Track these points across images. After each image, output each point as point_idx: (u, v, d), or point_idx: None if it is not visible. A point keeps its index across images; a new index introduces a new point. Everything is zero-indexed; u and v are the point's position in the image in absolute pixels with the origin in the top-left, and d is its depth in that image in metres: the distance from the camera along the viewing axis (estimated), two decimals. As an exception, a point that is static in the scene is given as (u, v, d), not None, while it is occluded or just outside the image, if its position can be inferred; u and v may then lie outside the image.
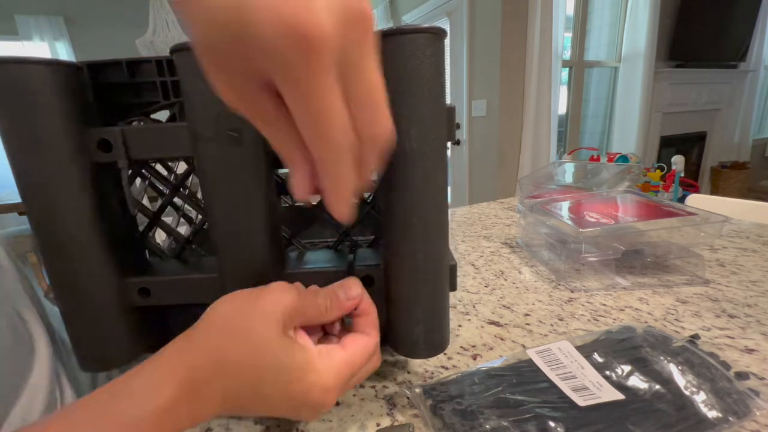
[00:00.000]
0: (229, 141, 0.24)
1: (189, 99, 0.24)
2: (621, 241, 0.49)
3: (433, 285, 0.28)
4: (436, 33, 0.23)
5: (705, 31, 2.86)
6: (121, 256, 0.29)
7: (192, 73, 0.23)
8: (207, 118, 0.24)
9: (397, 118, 0.22)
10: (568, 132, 2.87)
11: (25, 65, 0.23)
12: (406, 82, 0.23)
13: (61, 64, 0.25)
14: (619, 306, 0.44)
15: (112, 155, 0.26)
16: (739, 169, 3.35)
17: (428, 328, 0.29)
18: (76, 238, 0.26)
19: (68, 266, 0.27)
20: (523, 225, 0.67)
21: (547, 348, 0.33)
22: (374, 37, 0.16)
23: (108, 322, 0.29)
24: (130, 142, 0.26)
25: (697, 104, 3.17)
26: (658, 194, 2.49)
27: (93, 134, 0.26)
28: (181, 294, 0.30)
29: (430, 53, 0.23)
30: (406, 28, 0.22)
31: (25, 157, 0.25)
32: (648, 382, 0.28)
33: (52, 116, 0.24)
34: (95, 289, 0.28)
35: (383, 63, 0.20)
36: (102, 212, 0.27)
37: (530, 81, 2.34)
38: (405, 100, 0.23)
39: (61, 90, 0.25)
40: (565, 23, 2.39)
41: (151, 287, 0.30)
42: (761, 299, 0.44)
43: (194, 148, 0.26)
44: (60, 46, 3.19)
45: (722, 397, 0.26)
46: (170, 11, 2.32)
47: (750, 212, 0.84)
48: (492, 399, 0.27)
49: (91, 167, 0.26)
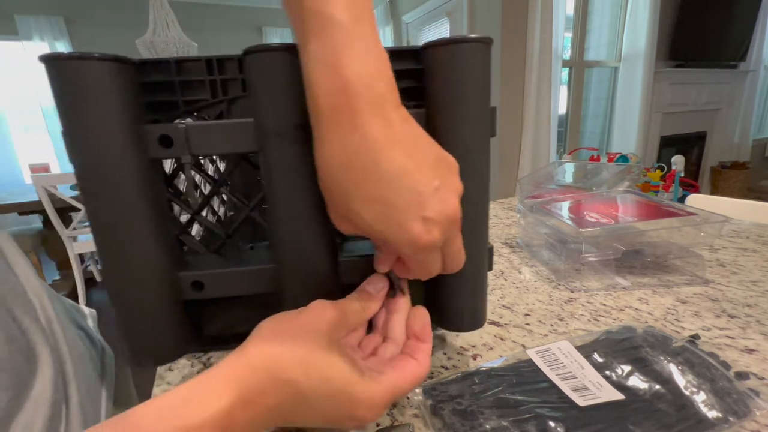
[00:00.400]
0: (298, 137, 0.26)
1: (261, 97, 0.25)
2: (621, 241, 0.49)
3: (477, 265, 0.31)
4: (487, 42, 0.26)
5: (705, 31, 2.86)
6: (172, 251, 0.30)
7: (265, 74, 0.25)
8: (279, 115, 0.25)
9: (454, 117, 0.27)
10: (568, 132, 2.87)
11: (88, 61, 0.23)
12: (462, 86, 0.26)
13: (122, 60, 0.25)
14: (619, 306, 0.44)
15: (172, 151, 0.27)
16: (739, 169, 3.35)
17: (473, 304, 0.32)
18: (134, 232, 0.27)
19: (125, 261, 0.27)
20: (523, 225, 0.67)
21: (547, 348, 0.33)
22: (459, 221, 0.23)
23: (162, 316, 0.29)
24: (192, 138, 0.27)
25: (697, 104, 3.17)
26: (658, 194, 2.49)
27: (153, 130, 0.27)
28: (236, 286, 0.31)
29: (482, 60, 0.26)
30: (462, 38, 0.25)
31: (86, 153, 0.25)
32: (648, 382, 0.28)
33: (114, 112, 0.25)
34: (150, 284, 0.28)
35: (442, 69, 0.26)
36: (157, 207, 0.28)
37: (530, 81, 2.34)
38: (460, 102, 0.26)
39: (122, 86, 0.25)
40: (565, 23, 2.39)
41: (205, 280, 0.30)
42: (761, 299, 0.44)
43: (262, 143, 0.27)
44: (60, 46, 3.19)
45: (722, 397, 0.26)
46: (170, 11, 2.32)
47: (750, 212, 0.84)
48: (492, 399, 0.27)
49: (147, 163, 0.27)
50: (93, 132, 0.24)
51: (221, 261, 0.32)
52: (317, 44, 0.20)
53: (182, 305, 0.31)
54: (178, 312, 0.30)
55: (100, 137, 0.25)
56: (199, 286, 0.30)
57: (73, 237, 2.03)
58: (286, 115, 0.25)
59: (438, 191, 0.21)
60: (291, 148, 0.26)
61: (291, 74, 0.24)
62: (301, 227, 0.28)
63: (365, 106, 0.20)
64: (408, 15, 3.22)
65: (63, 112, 0.24)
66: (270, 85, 0.25)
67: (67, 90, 0.24)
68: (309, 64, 0.20)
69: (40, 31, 3.12)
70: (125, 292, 0.28)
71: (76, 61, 0.23)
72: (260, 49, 0.24)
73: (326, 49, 0.20)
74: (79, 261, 2.12)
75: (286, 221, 0.28)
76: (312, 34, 0.20)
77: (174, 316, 0.30)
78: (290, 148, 0.26)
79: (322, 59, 0.20)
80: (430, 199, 0.20)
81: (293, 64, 0.24)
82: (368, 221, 0.21)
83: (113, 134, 0.25)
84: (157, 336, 0.30)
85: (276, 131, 0.26)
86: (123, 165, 0.25)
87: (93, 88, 0.24)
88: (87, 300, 2.18)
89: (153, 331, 0.29)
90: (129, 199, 0.26)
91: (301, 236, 0.28)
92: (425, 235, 0.20)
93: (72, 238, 2.03)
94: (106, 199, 0.26)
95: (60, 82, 0.24)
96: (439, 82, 0.26)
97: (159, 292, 0.29)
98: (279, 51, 0.24)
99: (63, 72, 0.23)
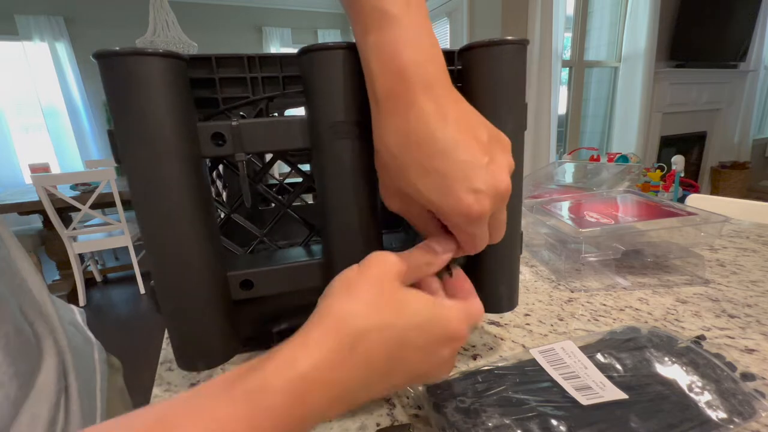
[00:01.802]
0: (353, 133, 0.27)
1: (317, 96, 0.26)
2: (621, 241, 0.49)
3: (512, 250, 0.33)
4: (523, 44, 0.28)
5: (705, 31, 2.86)
6: (220, 251, 0.30)
7: (321, 73, 0.26)
8: (335, 112, 0.26)
9: (495, 112, 0.28)
10: (568, 132, 2.87)
11: (145, 57, 0.23)
12: (502, 83, 0.28)
13: (176, 57, 0.24)
14: (619, 306, 0.44)
15: (225, 148, 0.27)
16: (739, 169, 3.35)
17: (509, 287, 0.34)
18: (187, 231, 0.26)
19: (176, 261, 0.27)
20: (523, 225, 0.67)
21: (550, 348, 0.33)
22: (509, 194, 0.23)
23: (212, 317, 0.29)
24: (245, 135, 0.27)
25: (697, 104, 3.17)
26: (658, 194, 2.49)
27: (206, 128, 0.27)
28: (286, 282, 0.31)
29: (520, 60, 0.28)
30: (502, 40, 0.27)
31: (141, 150, 0.24)
32: (652, 383, 0.28)
33: (171, 109, 0.24)
34: (201, 284, 0.28)
35: (484, 68, 0.28)
36: (207, 206, 0.28)
37: (530, 81, 2.34)
38: (501, 98, 0.28)
39: (174, 83, 0.24)
40: (565, 23, 2.39)
41: (255, 278, 0.30)
42: (761, 299, 0.44)
43: (315, 140, 0.27)
44: (60, 46, 3.19)
45: (727, 398, 0.26)
46: (170, 11, 2.32)
47: (750, 212, 0.84)
48: (495, 398, 0.27)
49: (197, 160, 0.27)
50: (150, 129, 0.24)
51: (265, 259, 0.33)
52: (376, 36, 0.22)
53: (232, 305, 0.30)
54: (228, 312, 0.30)
55: (156, 134, 0.24)
56: (249, 285, 0.30)
57: (73, 237, 2.03)
58: (343, 112, 0.26)
59: (489, 165, 0.22)
60: (347, 143, 0.27)
61: (348, 72, 0.25)
62: (353, 220, 0.29)
63: (419, 87, 0.22)
64: (408, 15, 3.22)
65: (117, 109, 0.24)
66: (328, 83, 0.26)
67: (124, 87, 0.23)
68: (369, 54, 0.23)
69: (40, 31, 3.12)
70: (176, 293, 0.28)
71: (133, 57, 0.23)
72: (318, 48, 0.25)
73: (384, 39, 0.22)
74: (79, 261, 2.12)
75: (339, 214, 0.28)
76: (372, 28, 0.22)
77: (225, 317, 0.30)
78: (346, 144, 0.27)
79: (380, 49, 0.22)
80: (481, 171, 0.22)
81: (350, 62, 0.25)
82: (424, 192, 0.23)
83: (170, 131, 0.24)
84: (209, 338, 0.29)
85: (332, 127, 0.26)
86: (179, 162, 0.25)
87: (152, 85, 0.23)
88: (87, 300, 2.18)
89: (205, 334, 0.29)
90: (183, 198, 0.26)
91: (351, 229, 0.29)
92: (475, 204, 0.22)
93: (72, 238, 2.03)
94: (159, 198, 0.25)
95: (116, 78, 0.23)
96: (480, 80, 0.28)
97: (211, 293, 0.28)
98: (337, 50, 0.25)
99: (120, 68, 0.23)
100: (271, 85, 0.31)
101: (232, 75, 0.30)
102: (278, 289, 0.31)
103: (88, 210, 1.93)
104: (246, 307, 0.32)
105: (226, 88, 0.30)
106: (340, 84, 0.25)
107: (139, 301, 2.19)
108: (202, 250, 0.27)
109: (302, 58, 0.26)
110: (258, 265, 0.31)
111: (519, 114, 0.29)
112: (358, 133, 0.26)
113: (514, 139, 0.29)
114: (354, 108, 0.26)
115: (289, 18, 3.96)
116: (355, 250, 0.29)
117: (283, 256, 0.33)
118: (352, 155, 0.27)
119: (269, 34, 3.86)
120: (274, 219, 0.36)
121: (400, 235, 0.38)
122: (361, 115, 0.26)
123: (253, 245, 0.36)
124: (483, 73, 0.28)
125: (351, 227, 0.29)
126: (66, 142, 3.34)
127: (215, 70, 0.29)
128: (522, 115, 0.30)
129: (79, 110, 3.33)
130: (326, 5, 4.03)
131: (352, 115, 0.26)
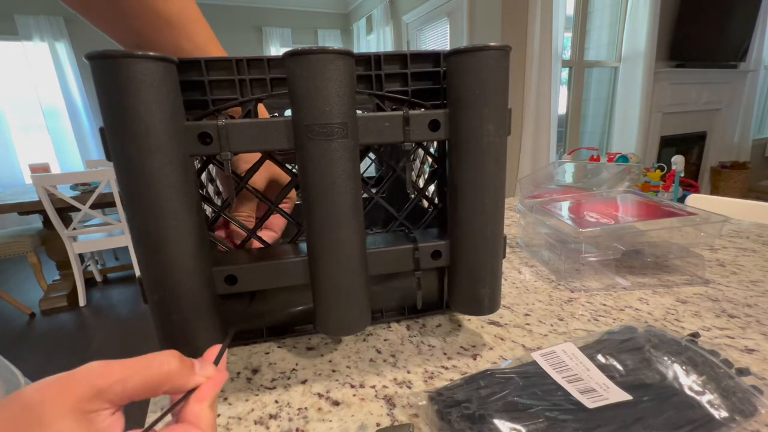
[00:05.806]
0: (336, 134, 0.27)
1: (297, 98, 0.27)
2: (621, 241, 0.49)
3: (495, 253, 0.34)
4: (506, 50, 0.29)
5: (705, 31, 2.86)
6: (207, 246, 0.30)
7: (305, 76, 0.26)
8: (320, 114, 0.27)
9: (478, 116, 0.29)
10: (568, 132, 2.87)
11: (136, 59, 0.24)
12: (485, 88, 0.29)
13: (167, 60, 0.25)
14: (619, 306, 0.44)
15: (211, 148, 0.28)
16: (739, 169, 3.35)
17: (491, 289, 0.34)
18: (174, 227, 0.27)
19: (163, 257, 0.27)
20: (523, 225, 0.67)
21: (551, 350, 0.32)
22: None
23: (198, 312, 0.30)
24: (231, 135, 0.28)
25: (697, 104, 3.17)
26: (658, 194, 2.49)
27: (193, 127, 0.27)
28: (269, 279, 0.32)
29: (503, 65, 0.29)
30: (485, 46, 0.28)
31: (131, 149, 0.25)
32: (653, 383, 0.28)
33: (161, 110, 0.25)
34: (188, 279, 0.29)
35: (468, 72, 0.29)
36: (193, 203, 0.29)
37: (530, 81, 2.34)
38: (485, 103, 0.29)
39: (166, 84, 0.25)
40: (565, 23, 2.39)
41: (239, 274, 0.31)
42: (761, 299, 0.44)
43: (300, 141, 0.28)
44: (60, 46, 3.19)
45: (728, 396, 0.26)
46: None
47: (750, 212, 0.84)
48: (500, 403, 0.27)
49: (184, 159, 0.27)
50: (140, 129, 0.25)
51: (250, 256, 0.33)
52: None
53: (217, 300, 0.31)
54: (214, 307, 0.31)
55: (146, 134, 0.25)
56: (233, 280, 0.31)
57: (73, 237, 2.03)
58: (320, 114, 0.27)
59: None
60: (323, 144, 0.27)
61: (329, 76, 0.26)
62: (336, 218, 0.29)
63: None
64: (408, 15, 3.22)
65: (108, 109, 0.25)
66: (306, 85, 0.26)
67: (115, 88, 0.24)
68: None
69: (40, 31, 3.12)
70: (163, 288, 0.28)
71: (125, 60, 0.23)
72: (299, 53, 0.26)
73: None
74: (79, 261, 2.12)
75: (322, 212, 0.29)
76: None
77: (211, 312, 0.30)
78: (322, 145, 0.27)
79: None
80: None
81: (329, 66, 0.26)
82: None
83: (160, 131, 0.25)
84: (193, 331, 0.30)
85: (316, 129, 0.27)
86: (168, 161, 0.26)
87: (144, 86, 0.24)
88: (87, 300, 2.18)
89: (188, 327, 0.30)
90: (171, 195, 0.27)
91: (335, 228, 0.29)
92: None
93: (72, 238, 2.02)
94: (148, 195, 0.26)
95: (108, 79, 0.24)
96: (464, 84, 0.29)
97: (195, 287, 0.29)
98: (318, 54, 0.26)
99: (112, 70, 0.24)
100: (260, 87, 0.32)
101: (222, 77, 0.31)
102: (262, 285, 0.32)
103: (88, 210, 1.93)
104: (236, 302, 0.33)
105: (216, 90, 0.31)
106: (316, 87, 0.26)
107: (139, 301, 2.18)
108: (187, 245, 0.28)
109: (286, 60, 0.27)
110: (242, 261, 0.32)
111: (501, 118, 0.30)
112: (335, 134, 0.27)
113: (500, 142, 0.31)
114: (330, 111, 0.27)
115: (289, 18, 3.96)
116: (336, 248, 0.30)
117: (268, 253, 0.34)
118: (328, 156, 0.28)
119: (269, 34, 3.86)
120: (263, 217, 0.37)
121: (397, 234, 0.38)
122: (337, 117, 0.27)
123: (243, 242, 0.36)
124: (466, 77, 0.29)
125: (331, 226, 0.29)
126: (66, 142, 3.34)
127: (205, 73, 0.30)
128: (505, 119, 0.30)
129: (79, 110, 3.33)
130: (326, 5, 4.03)
131: (329, 118, 0.27)
